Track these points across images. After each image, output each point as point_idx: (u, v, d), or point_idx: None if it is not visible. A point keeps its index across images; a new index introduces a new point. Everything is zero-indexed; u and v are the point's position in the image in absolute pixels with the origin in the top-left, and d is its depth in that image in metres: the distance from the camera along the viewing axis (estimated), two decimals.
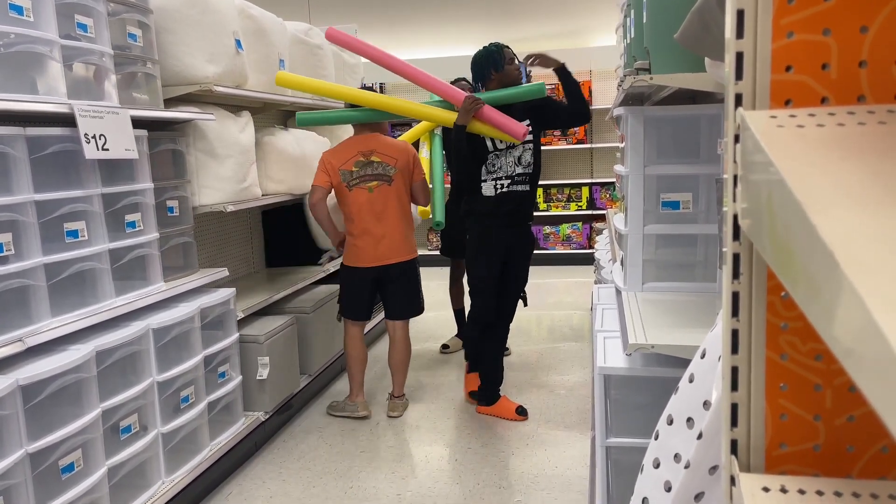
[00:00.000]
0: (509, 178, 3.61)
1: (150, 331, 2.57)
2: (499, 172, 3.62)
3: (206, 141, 3.14)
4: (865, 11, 0.60)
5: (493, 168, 3.63)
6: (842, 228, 0.39)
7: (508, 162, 3.62)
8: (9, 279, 2.07)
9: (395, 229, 3.62)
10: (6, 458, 1.93)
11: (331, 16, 6.84)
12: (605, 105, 7.96)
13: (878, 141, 0.53)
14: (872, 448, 0.66)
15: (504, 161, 3.62)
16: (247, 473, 3.18)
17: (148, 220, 2.70)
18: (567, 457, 3.21)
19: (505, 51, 3.64)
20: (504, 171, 3.61)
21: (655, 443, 1.09)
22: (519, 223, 3.68)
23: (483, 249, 3.65)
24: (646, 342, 1.91)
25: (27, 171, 2.13)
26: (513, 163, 3.62)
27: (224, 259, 3.96)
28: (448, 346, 4.96)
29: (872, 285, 0.33)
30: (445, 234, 4.86)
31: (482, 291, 3.67)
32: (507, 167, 3.62)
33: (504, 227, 3.63)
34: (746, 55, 0.63)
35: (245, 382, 3.29)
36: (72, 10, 2.33)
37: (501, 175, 3.61)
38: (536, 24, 7.65)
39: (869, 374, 0.32)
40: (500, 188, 3.62)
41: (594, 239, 7.81)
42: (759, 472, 0.68)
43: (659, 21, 1.96)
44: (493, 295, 3.67)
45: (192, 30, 3.00)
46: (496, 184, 3.62)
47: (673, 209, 2.55)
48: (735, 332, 0.68)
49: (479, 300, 3.69)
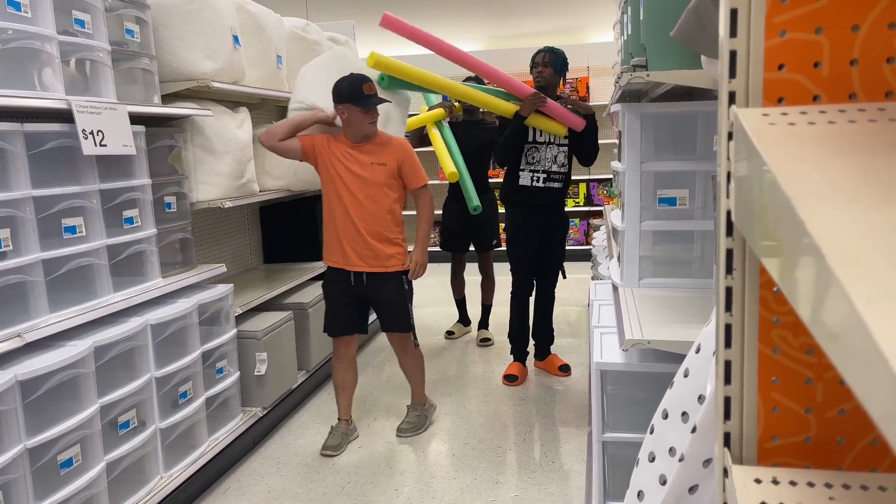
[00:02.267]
0: (546, 172, 3.92)
1: (149, 326, 2.58)
2: (537, 165, 3.93)
3: (204, 137, 3.14)
4: (857, 10, 0.61)
5: (533, 160, 3.93)
6: (829, 224, 0.40)
7: (547, 157, 3.92)
8: (7, 275, 2.07)
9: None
10: (5, 453, 1.94)
11: (328, 12, 6.83)
12: (602, 101, 7.96)
13: (869, 138, 0.54)
14: (863, 440, 0.67)
15: (543, 155, 3.92)
16: (245, 469, 3.19)
17: (146, 216, 2.70)
18: (564, 451, 3.23)
19: None
20: (542, 165, 3.91)
21: (651, 437, 1.10)
22: (551, 211, 3.99)
23: (518, 233, 4.01)
24: (642, 338, 1.92)
25: (25, 166, 2.13)
26: (551, 159, 3.92)
27: (222, 255, 3.96)
28: (453, 332, 5.05)
29: (857, 279, 0.34)
30: (445, 230, 4.89)
31: (518, 269, 4.05)
32: (545, 162, 3.92)
33: (537, 215, 3.96)
34: (740, 53, 0.64)
35: (243, 378, 3.29)
36: (69, 5, 2.33)
37: (540, 169, 3.91)
38: (535, 21, 7.65)
39: (853, 365, 0.33)
40: (536, 181, 3.93)
41: (591, 235, 7.82)
42: (752, 464, 0.69)
43: (656, 18, 1.97)
44: (529, 272, 4.06)
45: (189, 25, 3.00)
46: (534, 175, 3.93)
47: (670, 205, 2.56)
48: (728, 326, 0.69)
49: (516, 276, 4.08)
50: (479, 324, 5.00)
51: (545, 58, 3.91)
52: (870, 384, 0.32)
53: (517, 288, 4.10)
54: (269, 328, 3.42)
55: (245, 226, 4.30)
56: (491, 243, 4.81)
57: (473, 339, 5.01)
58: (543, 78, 3.90)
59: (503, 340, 4.50)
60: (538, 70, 3.91)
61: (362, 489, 2.96)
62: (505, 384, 4.09)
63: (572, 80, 7.99)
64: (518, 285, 4.10)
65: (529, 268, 4.04)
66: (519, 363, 4.20)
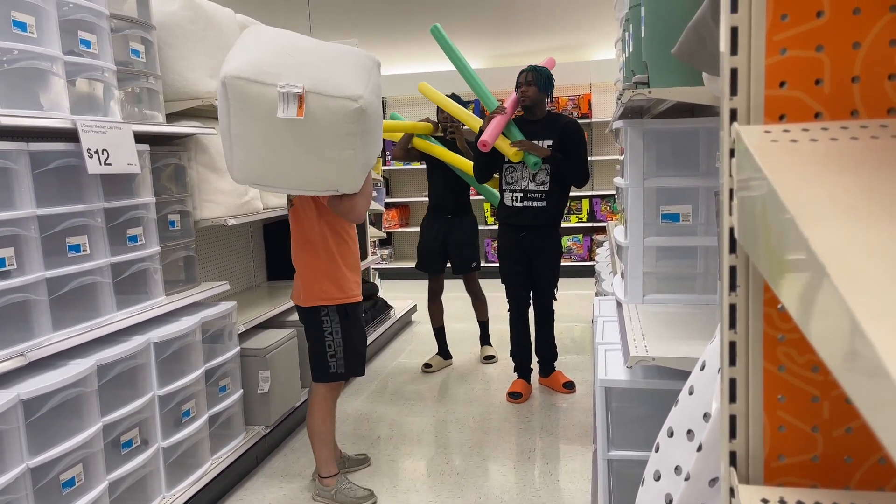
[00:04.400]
0: (523, 192, 3.92)
1: (152, 345, 2.58)
2: (515, 185, 3.95)
3: (208, 155, 3.16)
4: (858, 28, 0.61)
5: (511, 180, 3.97)
6: (833, 240, 0.40)
7: (524, 176, 3.91)
8: (11, 293, 2.07)
9: (294, 264, 2.89)
10: (7, 473, 1.93)
11: (332, 29, 6.89)
12: (604, 118, 8.00)
13: (871, 155, 0.54)
14: (870, 459, 0.67)
15: (520, 175, 3.93)
16: (248, 487, 3.17)
17: (150, 235, 2.71)
18: (569, 470, 3.20)
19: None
20: (520, 184, 3.93)
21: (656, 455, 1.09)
22: (534, 231, 3.94)
23: (501, 251, 4.09)
24: (646, 354, 1.91)
25: (30, 185, 2.14)
26: (528, 178, 3.91)
27: (225, 272, 3.97)
28: (430, 364, 4.73)
29: (861, 296, 0.34)
30: (421, 249, 4.70)
31: (508, 286, 4.11)
32: (522, 181, 3.92)
33: (518, 234, 3.97)
34: (741, 71, 0.64)
35: (246, 396, 3.28)
36: (75, 26, 2.35)
37: (517, 188, 3.94)
38: (537, 39, 7.70)
39: (858, 383, 0.33)
40: (515, 200, 3.95)
41: (594, 251, 7.82)
42: (758, 483, 0.68)
43: (657, 36, 1.98)
44: (519, 287, 4.07)
45: (194, 45, 3.03)
46: (512, 195, 3.96)
47: (673, 221, 2.56)
48: (733, 343, 0.68)
49: (508, 293, 4.13)
50: (481, 340, 4.96)
51: (528, 77, 3.89)
52: (875, 403, 0.32)
53: (511, 304, 4.14)
54: (273, 346, 3.41)
55: (248, 243, 4.31)
56: (470, 265, 4.63)
57: (476, 356, 4.96)
58: (528, 97, 3.89)
59: (508, 358, 4.46)
60: (522, 90, 3.90)
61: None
62: (509, 401, 4.06)
63: (574, 96, 8.03)
64: (511, 302, 4.13)
65: (520, 283, 4.05)
66: (523, 380, 4.18)
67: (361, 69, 2.49)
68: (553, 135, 3.87)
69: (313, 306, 2.81)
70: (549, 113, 4.00)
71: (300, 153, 2.39)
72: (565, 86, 8.05)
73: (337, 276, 2.79)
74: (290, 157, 2.40)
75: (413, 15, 6.57)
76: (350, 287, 2.83)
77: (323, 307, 2.80)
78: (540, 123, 3.92)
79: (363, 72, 2.49)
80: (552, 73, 3.98)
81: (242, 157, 2.41)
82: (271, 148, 2.38)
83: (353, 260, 2.87)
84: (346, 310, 2.83)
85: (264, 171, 2.44)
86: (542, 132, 3.89)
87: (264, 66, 2.33)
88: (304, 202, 2.76)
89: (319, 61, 2.42)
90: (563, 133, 3.87)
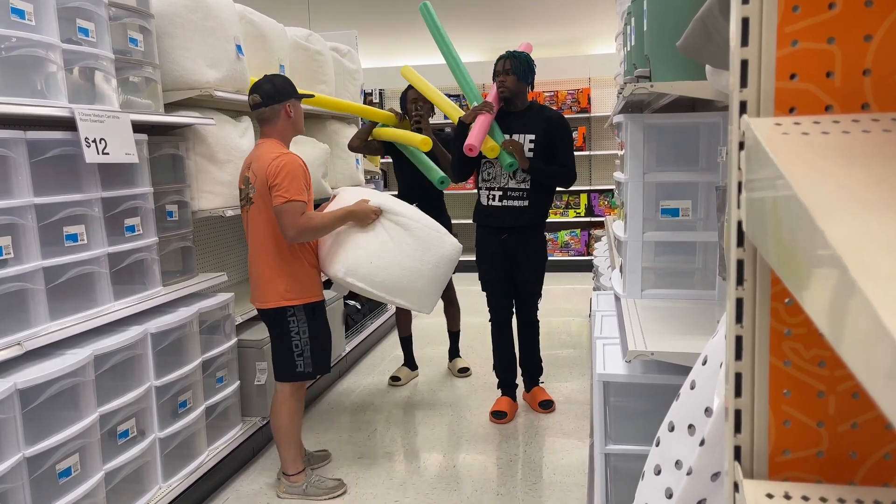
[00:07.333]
0: (502, 190, 3.52)
1: (149, 335, 2.57)
2: (493, 182, 3.55)
3: (206, 145, 3.14)
4: (869, 20, 0.60)
5: (488, 176, 3.57)
6: (849, 233, 0.39)
7: (502, 173, 3.51)
8: (7, 282, 2.06)
9: (253, 265, 2.87)
10: (3, 462, 1.92)
11: (331, 22, 6.86)
12: (604, 112, 7.99)
13: (883, 148, 0.53)
14: (875, 454, 0.66)
15: (498, 171, 3.53)
16: (244, 478, 3.17)
17: (147, 225, 2.70)
18: (566, 464, 3.21)
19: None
20: (498, 182, 3.53)
21: (657, 449, 1.09)
22: (515, 233, 3.57)
23: (480, 255, 3.71)
24: (645, 349, 1.91)
25: (27, 174, 2.13)
26: (507, 175, 3.50)
27: (223, 264, 3.95)
28: (399, 377, 4.36)
29: (881, 289, 0.33)
30: None
31: (488, 293, 3.73)
32: (500, 178, 3.52)
33: (498, 236, 3.59)
34: (751, 63, 0.64)
35: (243, 387, 3.28)
36: (73, 14, 2.33)
37: (495, 186, 3.54)
38: (536, 32, 7.68)
39: (879, 378, 0.32)
40: (492, 199, 3.55)
41: (592, 246, 7.82)
42: (763, 478, 0.68)
43: (659, 29, 1.97)
44: (502, 294, 3.69)
45: (193, 35, 3.01)
46: (489, 193, 3.56)
47: (672, 216, 2.56)
48: (739, 338, 0.68)
49: (489, 301, 3.74)
50: (450, 353, 4.56)
51: (506, 64, 3.44)
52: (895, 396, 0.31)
53: (492, 313, 3.74)
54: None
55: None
56: None
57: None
58: (507, 87, 3.44)
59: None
60: (500, 79, 3.45)
61: (363, 501, 2.93)
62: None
63: (573, 91, 8.01)
64: (492, 310, 3.73)
65: (501, 290, 3.67)
66: (507, 398, 3.78)
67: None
68: (536, 129, 3.45)
69: (279, 307, 2.80)
70: (531, 104, 3.57)
71: None
72: (564, 80, 8.03)
73: (300, 274, 2.81)
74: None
75: (412, 7, 6.54)
76: (315, 285, 2.87)
77: (290, 307, 2.80)
78: (521, 116, 3.50)
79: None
80: (531, 57, 3.54)
81: None
82: None
83: (316, 257, 2.91)
84: (314, 308, 2.85)
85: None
86: (523, 126, 3.47)
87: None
88: (262, 201, 2.74)
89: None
90: (548, 127, 3.46)
